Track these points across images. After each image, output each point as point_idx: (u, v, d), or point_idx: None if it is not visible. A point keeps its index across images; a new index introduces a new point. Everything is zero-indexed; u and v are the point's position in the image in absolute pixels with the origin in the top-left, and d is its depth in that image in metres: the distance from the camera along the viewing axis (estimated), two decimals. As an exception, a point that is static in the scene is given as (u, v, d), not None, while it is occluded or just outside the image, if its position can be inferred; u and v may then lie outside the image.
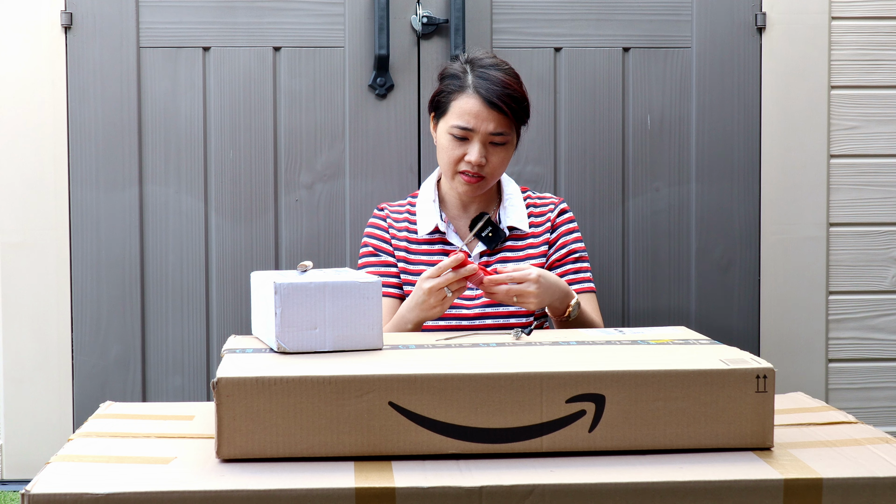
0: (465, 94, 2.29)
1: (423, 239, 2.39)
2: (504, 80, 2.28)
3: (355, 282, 1.70)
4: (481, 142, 2.28)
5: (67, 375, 2.86)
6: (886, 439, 1.65)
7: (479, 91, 2.27)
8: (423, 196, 2.44)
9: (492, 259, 2.37)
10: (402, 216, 2.44)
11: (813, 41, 2.93)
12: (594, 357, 1.68)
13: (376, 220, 2.46)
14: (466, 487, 1.44)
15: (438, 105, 2.34)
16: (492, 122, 2.27)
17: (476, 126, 2.27)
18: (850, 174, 2.97)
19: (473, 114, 2.27)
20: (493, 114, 2.27)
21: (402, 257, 2.40)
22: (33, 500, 1.41)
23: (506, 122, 2.29)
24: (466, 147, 2.29)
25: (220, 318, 2.88)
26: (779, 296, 2.96)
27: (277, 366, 1.60)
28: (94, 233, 2.85)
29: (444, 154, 2.32)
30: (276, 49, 2.87)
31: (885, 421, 2.99)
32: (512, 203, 2.41)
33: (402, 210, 2.45)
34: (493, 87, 2.27)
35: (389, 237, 2.42)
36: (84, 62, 2.83)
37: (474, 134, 2.28)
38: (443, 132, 2.32)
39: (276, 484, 1.44)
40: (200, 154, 2.87)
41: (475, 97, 2.28)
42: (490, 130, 2.28)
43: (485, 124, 2.27)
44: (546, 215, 2.43)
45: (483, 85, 2.27)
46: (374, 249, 2.43)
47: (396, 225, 2.43)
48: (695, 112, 2.94)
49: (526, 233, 2.40)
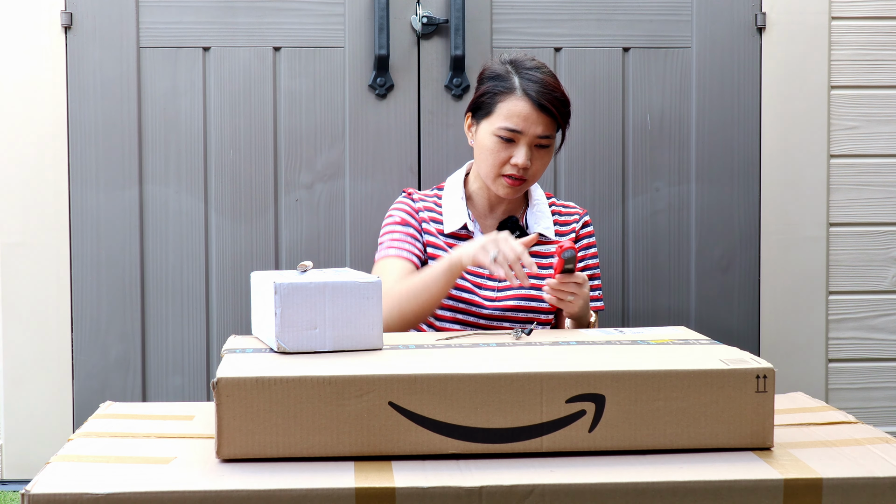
0: (514, 96, 2.26)
1: (449, 233, 2.37)
2: (551, 83, 2.26)
3: (355, 282, 1.70)
4: (528, 144, 2.26)
5: (67, 375, 2.86)
6: (886, 439, 1.65)
7: (528, 93, 2.24)
8: (450, 192, 2.40)
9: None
10: (428, 205, 2.41)
11: (813, 41, 2.93)
12: (594, 357, 1.68)
13: (407, 200, 2.41)
14: (466, 487, 1.44)
15: (481, 106, 2.31)
16: (540, 125, 2.25)
17: (525, 129, 2.25)
18: (850, 174, 2.97)
19: (523, 116, 2.24)
20: (542, 117, 2.25)
21: (430, 236, 2.37)
22: (33, 500, 1.41)
23: (552, 125, 2.27)
24: (512, 150, 2.26)
25: (220, 318, 2.88)
26: (779, 296, 2.97)
27: (277, 366, 1.60)
28: (94, 233, 2.85)
29: (489, 156, 2.28)
30: (276, 49, 2.87)
31: (885, 421, 2.99)
32: (540, 209, 2.40)
33: (428, 200, 2.42)
34: (542, 90, 2.24)
35: (418, 220, 2.38)
36: (84, 62, 2.83)
37: (522, 136, 2.25)
38: (487, 133, 2.29)
39: (276, 484, 1.44)
40: (200, 154, 2.87)
41: (524, 99, 2.25)
42: (538, 133, 2.25)
43: (533, 127, 2.25)
44: (571, 225, 2.42)
45: (532, 87, 2.24)
46: (403, 221, 2.37)
47: (423, 214, 2.39)
48: (695, 112, 2.95)
49: (551, 240, 2.39)
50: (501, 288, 2.35)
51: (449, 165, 2.88)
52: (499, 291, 2.35)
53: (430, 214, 2.39)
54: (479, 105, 2.32)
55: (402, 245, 2.34)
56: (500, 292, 2.35)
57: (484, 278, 2.35)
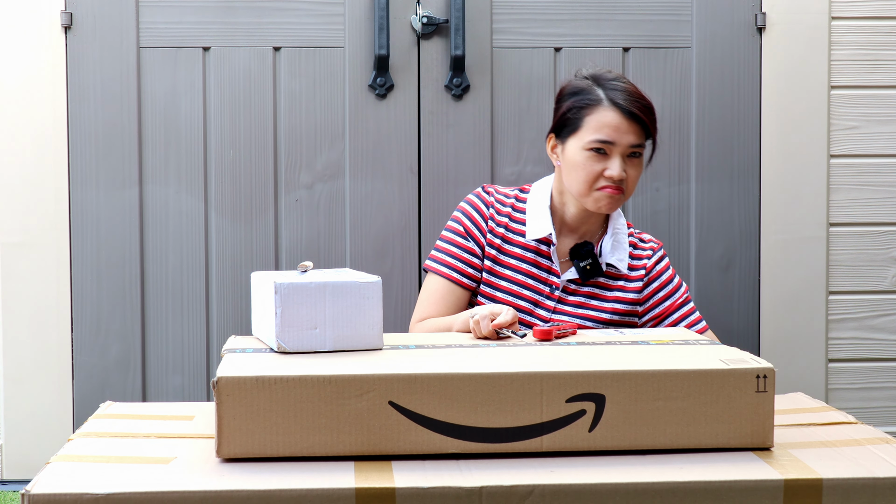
0: (602, 107, 2.21)
1: (522, 242, 2.30)
2: (636, 92, 2.23)
3: (355, 282, 1.70)
4: (621, 155, 2.21)
5: (67, 375, 2.86)
6: (886, 439, 1.65)
7: (616, 103, 2.20)
8: (536, 199, 2.32)
9: (580, 289, 2.29)
10: (506, 208, 2.32)
11: (813, 41, 2.93)
12: (594, 357, 1.68)
13: (480, 202, 2.33)
14: (466, 487, 1.44)
15: (567, 122, 2.25)
16: (632, 134, 2.21)
17: (617, 139, 2.20)
18: (850, 174, 2.97)
19: (614, 126, 2.20)
20: (633, 126, 2.21)
21: (494, 249, 2.30)
22: (33, 500, 1.41)
23: (642, 133, 2.22)
24: (606, 162, 2.21)
25: (220, 318, 2.88)
26: (779, 296, 2.97)
27: (277, 365, 1.60)
28: (94, 233, 2.85)
29: (582, 171, 2.22)
30: (276, 49, 2.87)
31: (885, 421, 2.99)
32: (618, 240, 2.32)
33: (507, 202, 2.33)
34: (630, 98, 2.21)
35: (487, 228, 2.30)
36: (84, 62, 2.83)
37: (614, 147, 2.20)
38: (576, 150, 2.23)
39: (276, 484, 1.44)
40: (200, 154, 2.87)
41: (613, 110, 2.20)
42: (630, 143, 2.21)
43: (625, 137, 2.20)
44: (643, 261, 2.34)
45: (620, 97, 2.21)
46: (466, 232, 2.31)
47: (498, 217, 2.32)
48: (695, 112, 2.95)
49: (621, 273, 2.31)
50: (558, 310, 2.29)
51: (449, 165, 2.88)
52: (554, 313, 2.29)
53: (505, 219, 2.32)
54: (564, 122, 2.26)
55: (455, 262, 2.29)
56: (555, 314, 2.29)
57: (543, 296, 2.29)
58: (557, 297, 2.29)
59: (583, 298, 2.29)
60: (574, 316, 2.28)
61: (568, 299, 2.29)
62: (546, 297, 2.29)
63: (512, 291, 2.28)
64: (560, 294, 2.29)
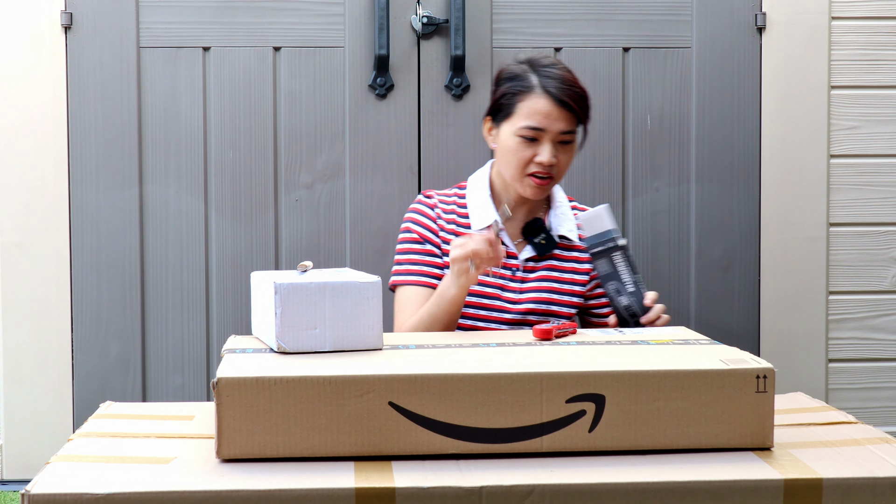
0: (534, 94, 2.25)
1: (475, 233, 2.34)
2: (569, 78, 2.25)
3: (355, 282, 1.70)
4: (551, 142, 2.24)
5: (67, 375, 2.86)
6: (886, 439, 1.65)
7: (548, 90, 2.24)
8: (475, 190, 2.37)
9: (538, 265, 2.34)
10: (450, 206, 2.37)
11: (813, 41, 2.93)
12: (594, 357, 1.68)
13: (424, 207, 2.37)
14: (466, 487, 1.44)
15: (501, 108, 2.29)
16: (562, 121, 2.24)
17: (547, 126, 2.24)
18: (850, 174, 2.97)
19: (544, 113, 2.23)
20: (564, 112, 2.24)
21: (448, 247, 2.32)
22: (33, 500, 1.41)
23: (574, 120, 2.26)
24: (536, 148, 2.25)
25: (220, 318, 2.88)
26: (779, 296, 2.97)
27: (277, 366, 1.60)
28: (94, 233, 2.85)
29: (513, 157, 2.27)
30: (276, 49, 2.87)
31: (885, 421, 2.99)
32: (562, 211, 2.38)
33: (449, 200, 2.38)
34: (561, 86, 2.23)
35: (437, 227, 2.35)
36: (84, 62, 2.83)
37: (545, 134, 2.24)
38: (509, 135, 2.27)
39: (276, 484, 1.44)
40: (200, 154, 2.87)
41: (545, 97, 2.24)
42: (560, 129, 2.24)
43: (555, 124, 2.24)
44: None
45: (551, 84, 2.24)
46: (420, 237, 2.34)
47: (445, 216, 2.36)
48: (695, 112, 2.95)
49: (574, 244, 2.37)
50: (524, 290, 2.34)
51: (449, 165, 2.88)
52: (521, 293, 2.33)
53: (453, 216, 2.36)
54: (498, 107, 2.30)
55: (419, 268, 2.32)
56: (523, 294, 2.33)
57: (507, 279, 2.33)
58: (521, 278, 2.33)
59: (545, 272, 2.34)
60: (541, 290, 2.33)
61: (530, 277, 2.33)
62: (509, 280, 2.33)
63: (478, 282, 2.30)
64: (522, 274, 2.33)
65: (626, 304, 2.14)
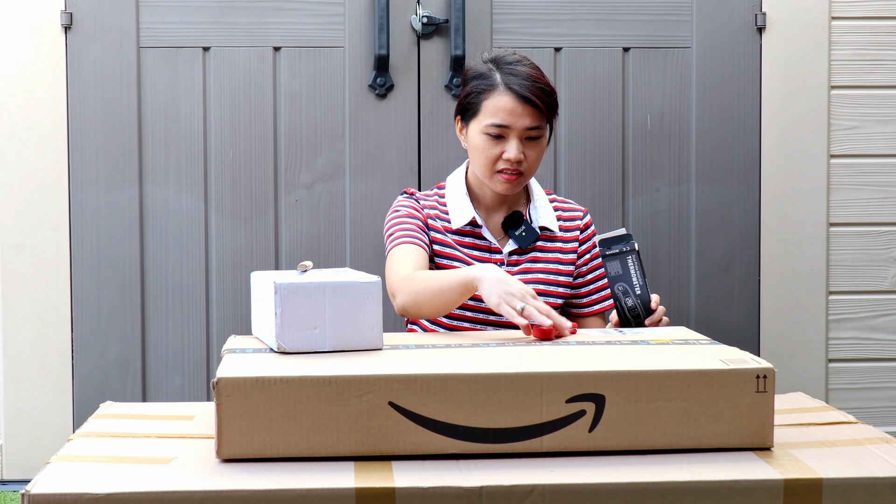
0: (497, 91, 2.27)
1: (456, 230, 2.36)
2: (533, 75, 2.27)
3: (355, 282, 1.70)
4: (518, 138, 2.26)
5: (67, 375, 2.86)
6: (886, 439, 1.65)
7: (511, 87, 2.26)
8: (452, 189, 2.40)
9: (522, 258, 2.36)
10: (430, 203, 2.39)
11: (813, 41, 2.93)
12: (594, 357, 1.68)
13: (409, 199, 2.39)
14: (466, 487, 1.44)
15: (468, 107, 2.32)
16: (527, 117, 2.26)
17: (512, 123, 2.26)
18: (850, 174, 2.97)
19: (508, 111, 2.25)
20: (528, 109, 2.26)
21: (435, 237, 2.35)
22: (33, 500, 1.41)
23: (539, 116, 2.27)
24: (503, 145, 2.27)
25: (220, 318, 2.89)
26: (779, 296, 2.97)
27: (277, 366, 1.59)
28: (94, 233, 2.85)
29: (481, 154, 2.29)
30: (276, 49, 2.87)
31: (885, 421, 2.99)
32: (541, 203, 2.40)
33: (430, 199, 2.41)
34: (524, 83, 2.25)
35: (425, 216, 2.36)
36: (84, 62, 2.83)
37: (510, 131, 2.26)
38: (476, 133, 2.29)
39: (276, 484, 1.44)
40: (200, 154, 2.87)
41: (508, 94, 2.26)
42: (526, 125, 2.26)
43: (520, 120, 2.26)
44: (575, 222, 2.42)
45: (514, 81, 2.26)
46: (411, 212, 2.35)
47: (428, 210, 2.38)
48: (695, 112, 2.95)
49: (556, 235, 2.39)
50: None
51: (449, 165, 2.88)
52: None
53: (434, 212, 2.38)
54: (465, 106, 2.33)
55: (413, 233, 2.32)
56: None
57: None
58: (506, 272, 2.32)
59: (528, 264, 2.35)
60: (527, 282, 2.33)
61: (514, 271, 2.35)
62: None
63: None
64: (507, 268, 2.35)
65: (632, 306, 2.15)
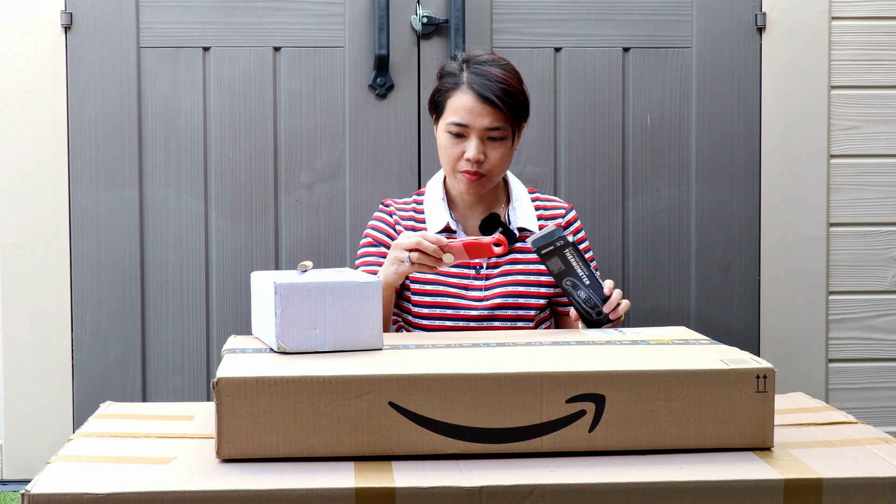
0: (460, 90, 2.28)
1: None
2: (499, 76, 2.27)
3: (355, 282, 1.70)
4: (478, 137, 2.27)
5: (67, 375, 2.86)
6: (886, 439, 1.65)
7: (472, 87, 2.26)
8: (430, 194, 2.41)
9: (501, 260, 2.36)
10: (408, 213, 2.41)
11: (813, 41, 2.93)
12: (594, 357, 1.68)
13: (382, 214, 2.43)
14: (466, 487, 1.44)
15: (437, 104, 2.34)
16: (486, 116, 2.26)
17: (471, 122, 2.26)
18: (850, 174, 2.97)
19: (468, 109, 2.26)
20: (488, 108, 2.26)
21: None
22: (33, 500, 1.41)
23: (501, 116, 2.27)
24: (464, 144, 2.28)
25: (220, 318, 2.89)
26: (779, 296, 2.97)
27: (277, 366, 1.60)
28: (94, 233, 2.85)
29: (444, 152, 2.31)
30: (276, 49, 2.87)
31: (885, 421, 2.99)
32: (521, 203, 2.40)
33: (407, 207, 2.43)
34: (487, 83, 2.26)
35: (396, 233, 2.38)
36: (84, 62, 2.83)
37: (470, 130, 2.27)
38: (441, 131, 2.31)
39: (276, 484, 1.44)
40: (200, 154, 2.87)
41: (469, 93, 2.27)
42: (485, 125, 2.26)
43: (479, 119, 2.26)
44: (557, 220, 2.42)
45: (477, 80, 2.27)
46: (374, 241, 2.39)
47: (403, 222, 2.40)
48: (695, 112, 2.95)
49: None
50: (489, 286, 2.35)
51: (449, 165, 2.88)
52: (486, 290, 2.34)
53: (410, 222, 2.39)
54: (434, 104, 2.35)
55: (369, 268, 2.35)
56: (487, 291, 2.34)
57: (470, 279, 2.35)
58: (485, 275, 2.35)
59: (508, 266, 2.35)
60: (507, 284, 2.34)
61: (494, 273, 2.35)
62: (473, 278, 2.35)
63: (440, 282, 2.33)
64: (486, 271, 2.35)
65: (586, 297, 2.14)
